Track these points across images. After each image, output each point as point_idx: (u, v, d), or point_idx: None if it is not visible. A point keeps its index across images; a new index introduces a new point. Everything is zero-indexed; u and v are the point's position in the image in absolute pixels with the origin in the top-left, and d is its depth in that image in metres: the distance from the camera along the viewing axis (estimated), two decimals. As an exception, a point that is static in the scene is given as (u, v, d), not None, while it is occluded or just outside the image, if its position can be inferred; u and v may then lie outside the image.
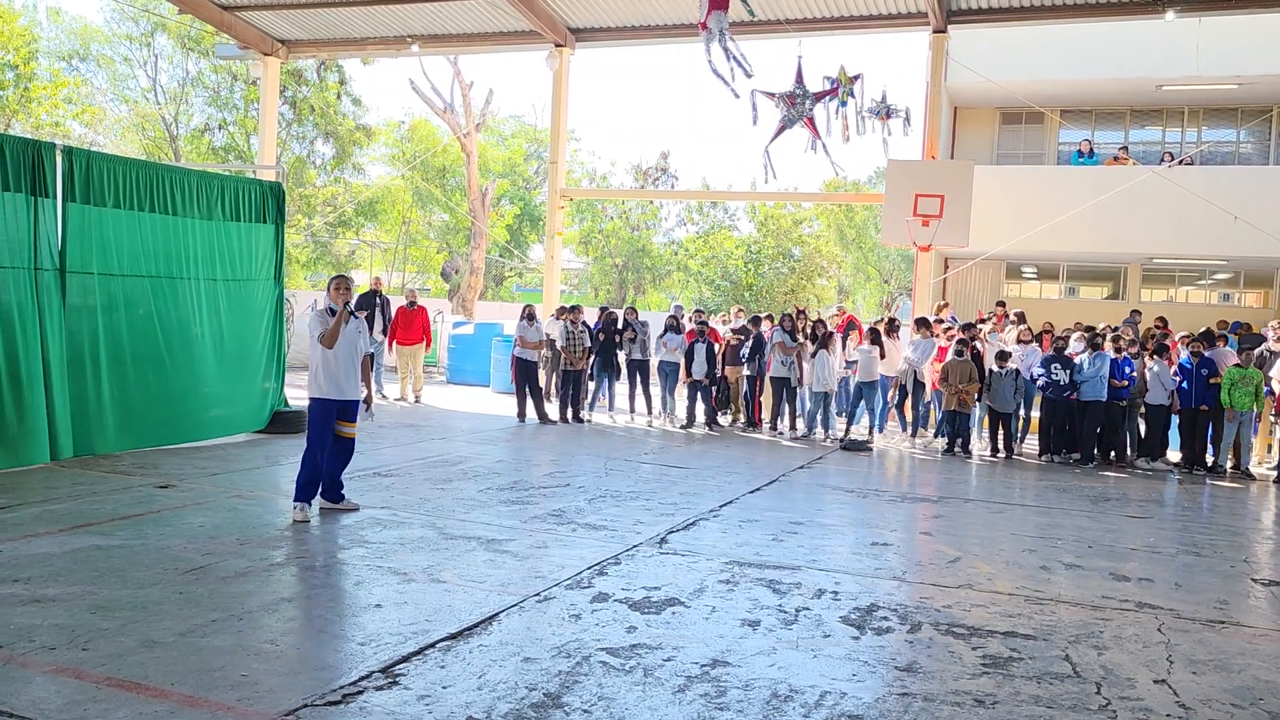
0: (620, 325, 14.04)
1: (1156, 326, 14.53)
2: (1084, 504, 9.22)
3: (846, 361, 13.31)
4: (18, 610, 4.64)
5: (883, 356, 12.93)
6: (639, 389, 14.26)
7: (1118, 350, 11.88)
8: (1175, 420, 12.07)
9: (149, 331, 9.69)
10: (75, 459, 8.70)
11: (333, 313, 7.04)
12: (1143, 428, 12.17)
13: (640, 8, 16.67)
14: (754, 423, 13.99)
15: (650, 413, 14.27)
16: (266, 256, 11.11)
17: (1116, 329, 13.28)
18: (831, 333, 13.16)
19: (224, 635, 4.45)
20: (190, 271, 10.13)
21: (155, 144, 32.37)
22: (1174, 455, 12.30)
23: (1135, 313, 15.72)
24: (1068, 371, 11.88)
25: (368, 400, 7.41)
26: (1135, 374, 11.88)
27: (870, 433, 12.95)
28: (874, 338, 12.97)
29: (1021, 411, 12.78)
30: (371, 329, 14.70)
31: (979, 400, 12.33)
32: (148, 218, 9.63)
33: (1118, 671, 4.60)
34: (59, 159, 8.79)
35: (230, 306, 10.64)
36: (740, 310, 15.71)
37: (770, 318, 14.33)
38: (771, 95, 14.92)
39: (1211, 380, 11.54)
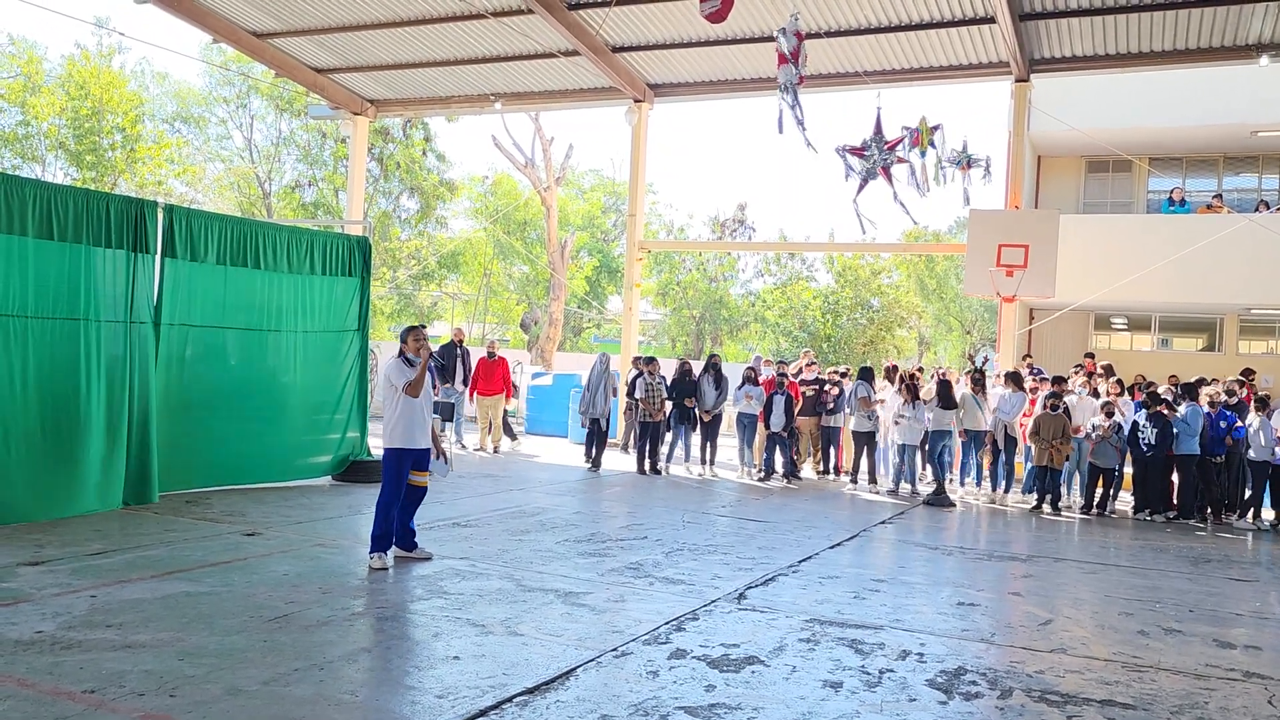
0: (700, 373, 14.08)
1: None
2: (1183, 565, 8.82)
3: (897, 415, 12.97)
4: (109, 655, 4.76)
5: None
6: (708, 440, 14.16)
7: (1212, 405, 11.40)
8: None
9: (238, 381, 10.07)
10: (166, 504, 8.96)
11: (409, 363, 7.15)
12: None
13: (719, 63, 16.82)
14: (833, 470, 13.95)
15: (714, 463, 14.07)
16: (352, 308, 11.41)
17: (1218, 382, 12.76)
18: (917, 385, 12.91)
19: (306, 685, 4.49)
20: (279, 323, 10.49)
21: (250, 200, 33.64)
22: (1270, 514, 11.73)
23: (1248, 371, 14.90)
24: (1156, 430, 11.45)
25: (442, 453, 7.54)
26: (1238, 427, 11.40)
27: (941, 485, 12.51)
28: (944, 390, 12.66)
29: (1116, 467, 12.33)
30: (453, 380, 14.91)
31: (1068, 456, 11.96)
32: (240, 272, 10.03)
33: (1226, 746, 4.35)
34: (160, 216, 9.20)
35: (316, 357, 10.96)
36: (813, 364, 15.40)
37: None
38: (855, 150, 14.88)
39: None
